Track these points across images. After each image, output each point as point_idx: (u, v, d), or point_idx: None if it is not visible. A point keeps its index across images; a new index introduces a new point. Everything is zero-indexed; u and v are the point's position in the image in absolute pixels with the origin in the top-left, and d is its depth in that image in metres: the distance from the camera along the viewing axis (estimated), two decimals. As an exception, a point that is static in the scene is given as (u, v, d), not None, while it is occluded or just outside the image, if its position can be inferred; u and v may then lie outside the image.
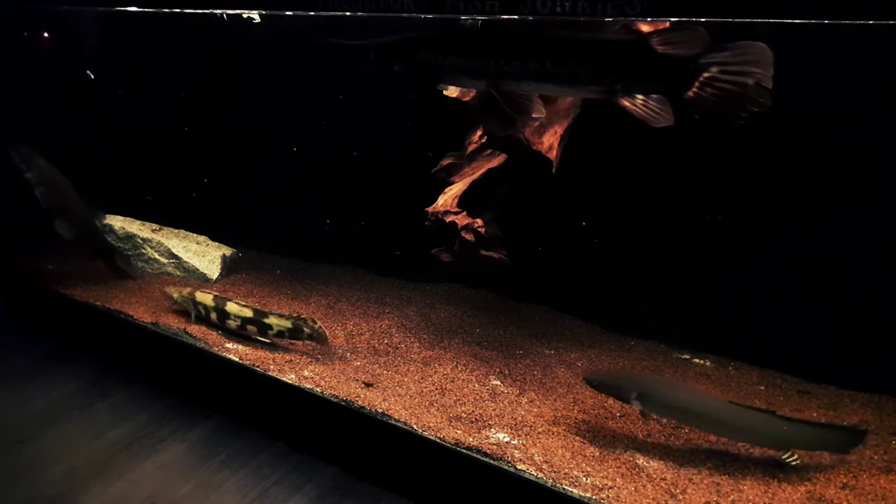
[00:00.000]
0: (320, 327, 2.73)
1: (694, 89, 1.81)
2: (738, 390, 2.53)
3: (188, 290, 3.03)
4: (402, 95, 3.02)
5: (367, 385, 2.51)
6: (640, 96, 1.89)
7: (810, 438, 2.06)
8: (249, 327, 2.81)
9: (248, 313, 2.80)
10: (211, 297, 2.92)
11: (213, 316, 2.89)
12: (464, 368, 2.65)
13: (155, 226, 3.75)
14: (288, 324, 2.74)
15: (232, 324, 2.85)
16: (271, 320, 2.76)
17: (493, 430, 2.28)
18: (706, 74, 1.80)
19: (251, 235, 3.85)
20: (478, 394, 2.49)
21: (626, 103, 1.91)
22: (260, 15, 2.69)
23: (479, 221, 2.68)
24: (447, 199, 2.74)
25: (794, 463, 2.02)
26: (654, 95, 1.88)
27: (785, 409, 2.38)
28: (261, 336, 2.79)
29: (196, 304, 2.95)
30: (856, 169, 2.33)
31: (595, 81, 1.92)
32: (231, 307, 2.84)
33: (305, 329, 2.72)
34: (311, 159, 3.51)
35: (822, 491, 1.97)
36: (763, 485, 2.00)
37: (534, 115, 2.08)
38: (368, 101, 3.14)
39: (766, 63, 1.74)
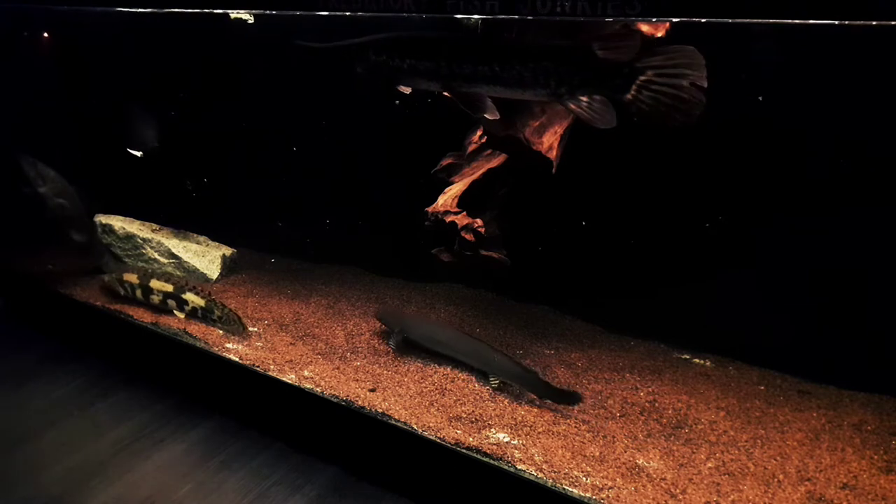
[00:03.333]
0: (230, 311, 2.88)
1: (632, 92, 1.90)
2: (738, 390, 2.53)
3: (118, 272, 3.21)
4: (401, 95, 3.02)
5: (371, 391, 2.51)
6: (584, 99, 1.99)
7: (507, 370, 2.50)
8: (170, 301, 2.99)
9: (169, 288, 2.98)
10: (136, 276, 3.10)
11: (139, 293, 3.07)
12: (464, 368, 2.65)
13: (155, 226, 3.75)
14: (202, 302, 2.93)
15: (155, 299, 3.02)
16: (188, 296, 2.95)
17: (493, 430, 2.28)
18: (643, 78, 1.89)
19: (251, 235, 3.84)
20: (478, 394, 2.49)
21: (572, 106, 2.01)
22: (253, 15, 2.70)
23: (479, 221, 2.68)
24: (447, 199, 2.74)
25: (494, 384, 2.52)
26: (596, 97, 1.97)
27: (785, 409, 2.39)
28: (179, 311, 2.96)
29: (123, 283, 3.13)
30: (855, 169, 2.33)
31: (541, 85, 2.02)
32: (154, 283, 3.02)
33: (216, 311, 2.88)
34: (311, 159, 3.51)
35: (822, 491, 1.97)
36: (763, 485, 2.01)
37: (487, 116, 2.17)
38: (368, 101, 3.14)
39: (698, 65, 1.83)
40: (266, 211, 3.77)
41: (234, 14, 2.67)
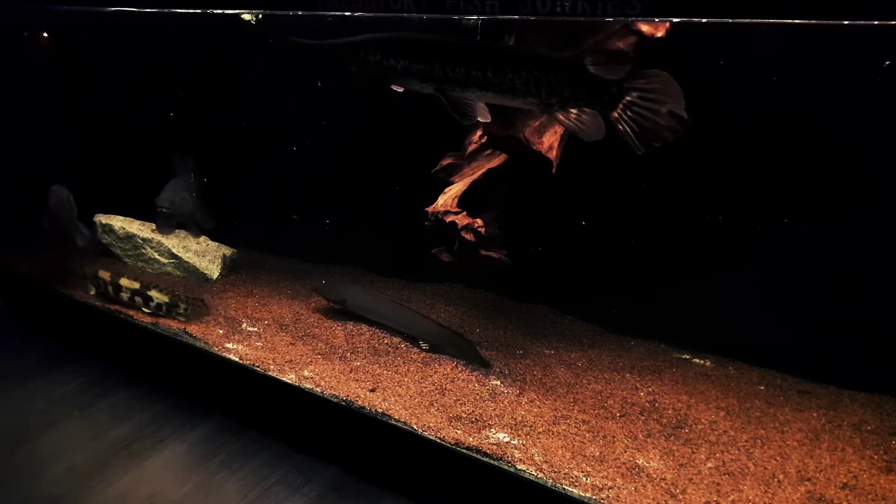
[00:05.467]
0: (195, 299, 3.04)
1: (618, 110, 1.93)
2: (738, 390, 2.53)
3: (94, 267, 3.30)
4: (401, 95, 3.02)
5: (371, 391, 2.51)
6: (573, 111, 2.02)
7: (436, 335, 2.79)
8: (137, 298, 3.10)
9: (136, 286, 3.09)
10: (109, 273, 3.20)
11: (110, 290, 3.17)
12: (464, 368, 2.65)
13: (155, 225, 3.74)
14: (166, 298, 3.03)
15: (124, 296, 3.13)
16: (153, 293, 3.05)
17: (493, 430, 2.28)
18: (628, 98, 1.91)
19: (251, 235, 3.84)
20: (478, 394, 2.49)
21: (561, 117, 2.03)
22: (256, 16, 2.70)
23: (479, 221, 2.68)
24: (447, 199, 2.74)
25: (424, 347, 2.78)
26: (586, 111, 2.00)
27: (785, 409, 2.39)
28: (145, 307, 3.07)
29: (97, 279, 3.23)
30: (855, 168, 2.33)
31: (532, 94, 2.04)
32: (123, 281, 3.13)
33: (181, 304, 3.01)
34: (311, 159, 3.51)
35: (822, 491, 1.97)
36: (763, 485, 2.01)
37: (480, 119, 2.19)
38: (368, 101, 3.14)
39: (676, 93, 1.85)
40: (266, 211, 3.77)
41: (244, 15, 2.67)
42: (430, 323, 2.84)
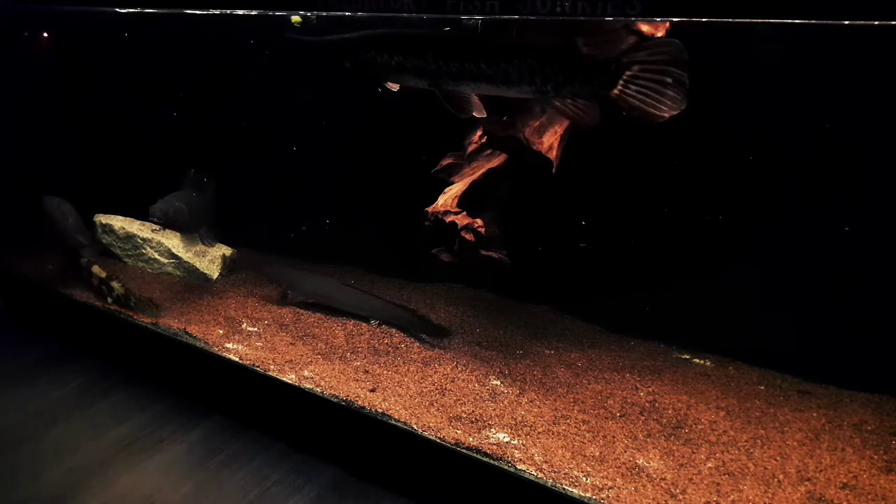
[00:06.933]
0: (142, 297, 3.19)
1: (618, 88, 1.90)
2: (738, 390, 2.53)
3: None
4: (401, 94, 3.02)
5: (371, 391, 2.51)
6: (569, 96, 2.00)
7: (386, 312, 2.93)
8: (102, 287, 3.28)
9: (102, 275, 3.29)
10: (86, 259, 3.42)
11: (85, 274, 3.39)
12: (464, 368, 2.65)
13: (155, 226, 3.74)
14: (122, 290, 3.21)
15: (94, 281, 3.32)
16: (113, 284, 3.24)
17: (493, 430, 2.28)
18: (628, 73, 1.88)
19: (251, 235, 3.84)
20: (478, 394, 2.49)
21: (557, 104, 2.02)
22: (311, 17, 2.68)
23: (479, 221, 2.68)
24: (447, 199, 2.74)
25: (375, 324, 2.93)
26: (581, 95, 1.98)
27: (785, 409, 2.39)
28: (109, 296, 3.25)
29: (79, 262, 3.48)
30: (855, 168, 2.33)
31: (526, 82, 2.03)
32: (95, 269, 3.33)
33: (132, 299, 3.18)
34: (311, 159, 3.51)
35: (822, 491, 1.97)
36: (763, 485, 2.01)
37: (474, 114, 2.18)
38: (367, 101, 3.14)
39: (681, 60, 1.82)
40: (266, 211, 3.77)
41: (293, 17, 2.66)
42: (377, 300, 2.95)
